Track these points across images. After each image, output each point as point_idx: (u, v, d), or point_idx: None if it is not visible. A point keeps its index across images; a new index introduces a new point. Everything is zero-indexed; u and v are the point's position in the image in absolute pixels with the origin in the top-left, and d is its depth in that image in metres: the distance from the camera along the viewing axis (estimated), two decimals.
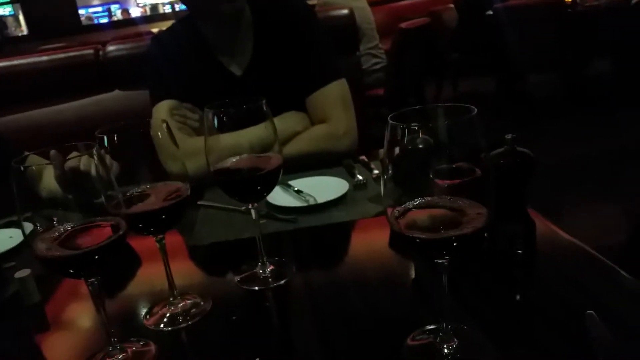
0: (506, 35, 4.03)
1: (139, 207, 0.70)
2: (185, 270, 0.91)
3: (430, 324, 0.65)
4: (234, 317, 0.74)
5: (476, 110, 0.52)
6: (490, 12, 4.29)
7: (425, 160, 0.54)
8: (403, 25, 3.83)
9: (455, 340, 0.60)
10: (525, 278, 0.76)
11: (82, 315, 0.85)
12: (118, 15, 9.07)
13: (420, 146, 0.54)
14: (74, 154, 0.67)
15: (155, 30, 5.05)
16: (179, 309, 0.76)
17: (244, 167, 0.79)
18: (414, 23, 3.86)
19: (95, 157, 0.61)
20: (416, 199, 0.55)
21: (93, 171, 0.62)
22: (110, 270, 0.90)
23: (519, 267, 0.77)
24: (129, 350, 0.67)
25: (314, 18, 1.48)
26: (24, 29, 8.22)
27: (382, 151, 0.56)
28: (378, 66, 3.96)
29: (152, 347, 0.68)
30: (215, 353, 0.68)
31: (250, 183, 0.79)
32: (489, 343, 0.62)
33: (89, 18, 8.82)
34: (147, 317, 0.76)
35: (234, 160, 0.79)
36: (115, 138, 0.70)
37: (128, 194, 0.72)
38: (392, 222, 0.55)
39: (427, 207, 0.55)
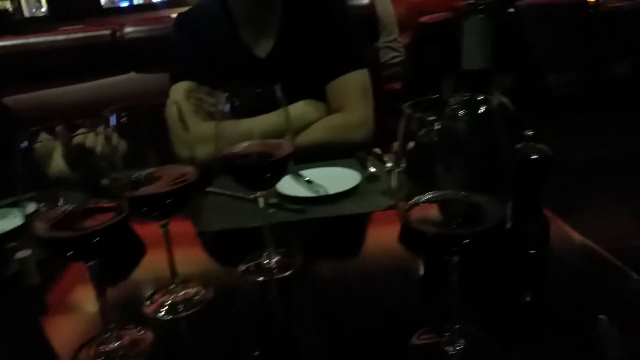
0: (527, 33, 3.96)
1: (143, 190, 0.68)
2: (189, 258, 0.89)
3: (437, 323, 0.62)
4: (234, 308, 0.72)
5: (498, 100, 0.49)
6: (512, 10, 4.21)
7: (440, 152, 0.52)
8: (423, 19, 3.78)
9: (462, 341, 0.58)
10: (537, 279, 0.73)
11: (82, 299, 0.83)
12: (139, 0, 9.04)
13: (437, 138, 0.51)
14: (81, 131, 0.65)
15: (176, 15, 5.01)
16: (181, 297, 0.74)
17: (254, 153, 0.76)
18: (434, 17, 3.80)
19: (101, 135, 0.59)
20: (429, 193, 0.52)
21: (98, 150, 0.60)
22: (114, 254, 0.90)
23: (531, 268, 0.74)
24: (125, 337, 0.65)
25: (342, 5, 1.46)
26: (44, 9, 8.23)
27: (396, 144, 0.54)
28: (396, 60, 3.91)
29: (149, 335, 0.66)
30: (213, 344, 0.66)
31: (259, 170, 0.76)
32: (497, 345, 0.59)
33: (112, 1, 8.79)
34: (148, 304, 0.74)
35: (243, 145, 0.77)
36: (124, 118, 0.67)
37: (134, 176, 0.69)
38: (402, 215, 0.52)
39: (440, 202, 0.52)
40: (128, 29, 1.95)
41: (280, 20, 1.40)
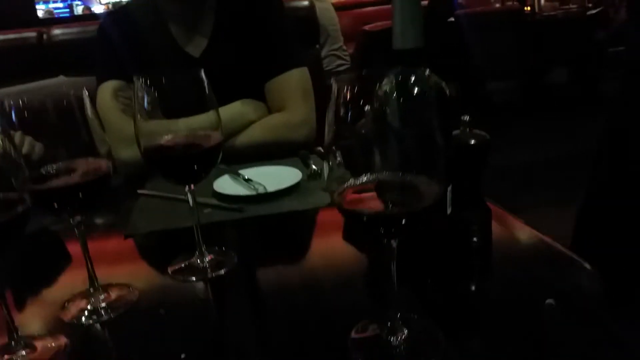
0: (467, 42, 4.08)
1: (49, 184, 0.61)
2: (114, 262, 0.82)
3: (377, 315, 0.59)
4: (161, 310, 0.66)
5: (426, 70, 0.47)
6: (452, 19, 4.33)
7: (374, 133, 0.49)
8: (367, 27, 3.83)
9: (405, 330, 0.54)
10: (480, 266, 0.71)
11: None
12: (79, 11, 8.77)
13: (370, 118, 0.48)
14: None
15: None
16: (101, 301, 0.67)
17: (180, 144, 0.71)
18: (378, 26, 3.87)
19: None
20: (364, 176, 0.49)
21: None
22: (27, 260, 0.82)
23: (474, 255, 0.72)
24: (35, 344, 0.59)
25: (279, 3, 1.42)
26: None
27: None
28: (342, 68, 3.94)
29: (63, 341, 0.59)
30: (137, 348, 0.60)
31: (187, 161, 0.71)
32: (441, 332, 0.56)
33: (50, 13, 8.48)
34: (64, 310, 0.67)
35: (168, 137, 0.72)
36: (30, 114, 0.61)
37: (41, 170, 0.63)
38: (337, 200, 0.49)
39: (375, 184, 0.48)
40: (56, 31, 1.86)
41: (214, 18, 1.36)
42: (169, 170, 0.73)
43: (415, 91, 0.49)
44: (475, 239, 0.70)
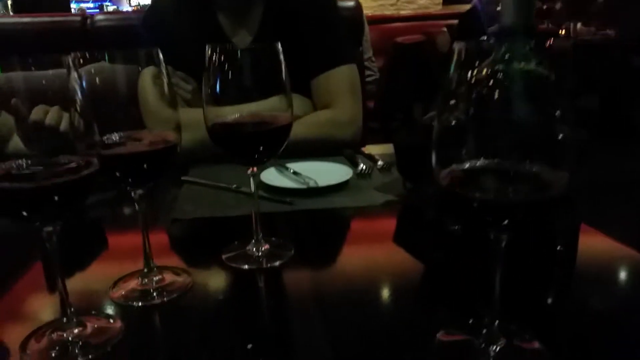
0: None
1: (117, 150, 0.57)
2: (165, 246, 0.78)
3: (455, 320, 0.54)
4: (220, 297, 0.61)
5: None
6: (484, 38, 4.28)
7: (491, 112, 0.43)
8: (398, 39, 3.80)
9: (503, 339, 0.48)
10: (581, 277, 0.65)
11: (38, 283, 0.70)
12: (109, 11, 8.99)
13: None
14: (41, 106, 0.56)
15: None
16: (154, 283, 0.63)
17: (248, 122, 0.67)
18: (409, 39, 3.83)
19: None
20: (476, 159, 0.43)
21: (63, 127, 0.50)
22: (77, 228, 0.78)
23: (561, 266, 0.65)
24: (88, 324, 0.54)
25: None
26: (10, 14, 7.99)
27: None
28: (370, 79, 3.90)
29: (118, 325, 0.55)
30: (194, 335, 0.55)
31: (255, 140, 0.67)
32: (546, 350, 0.49)
33: (82, 10, 8.71)
34: (116, 289, 0.63)
35: (236, 115, 0.67)
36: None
37: (105, 138, 0.59)
38: (444, 182, 0.43)
39: (491, 168, 0.42)
40: (99, 17, 1.84)
41: (262, 9, 1.32)
42: (235, 148, 0.68)
43: (537, 68, 0.44)
44: (560, 249, 0.64)
